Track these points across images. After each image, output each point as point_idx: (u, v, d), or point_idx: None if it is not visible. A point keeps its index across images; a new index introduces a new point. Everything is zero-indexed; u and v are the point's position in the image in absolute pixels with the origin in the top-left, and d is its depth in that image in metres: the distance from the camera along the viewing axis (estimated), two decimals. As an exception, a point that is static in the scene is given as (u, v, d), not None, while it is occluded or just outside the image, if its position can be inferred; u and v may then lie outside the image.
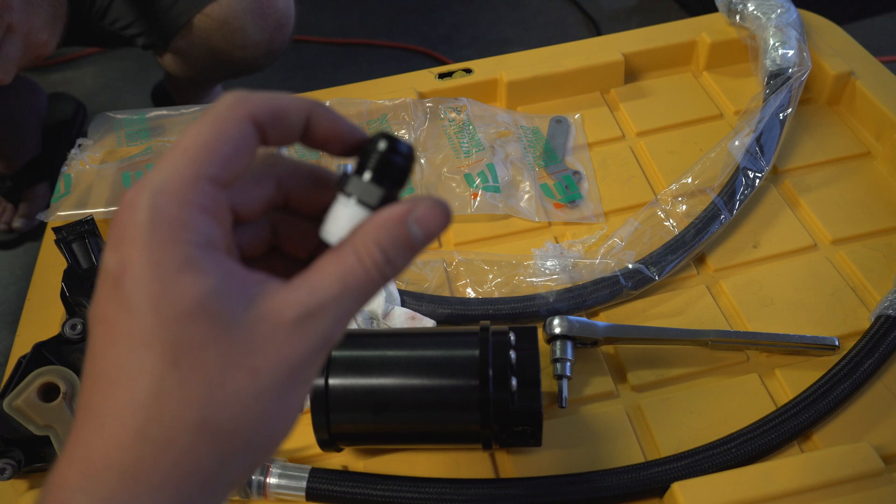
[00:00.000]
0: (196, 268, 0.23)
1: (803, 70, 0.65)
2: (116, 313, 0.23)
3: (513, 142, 0.69)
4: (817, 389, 0.49)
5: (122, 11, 0.90)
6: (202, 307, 0.22)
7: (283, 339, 0.23)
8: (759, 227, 0.61)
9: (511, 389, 0.44)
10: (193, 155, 0.24)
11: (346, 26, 1.58)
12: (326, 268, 0.25)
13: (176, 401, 0.22)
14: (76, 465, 0.23)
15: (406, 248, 0.25)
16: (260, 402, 0.23)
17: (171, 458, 0.22)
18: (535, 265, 0.59)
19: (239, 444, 0.23)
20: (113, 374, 0.23)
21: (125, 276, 0.23)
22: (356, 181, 0.26)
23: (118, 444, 0.22)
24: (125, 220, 0.23)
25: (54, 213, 0.65)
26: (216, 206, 0.24)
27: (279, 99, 0.25)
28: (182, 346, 0.22)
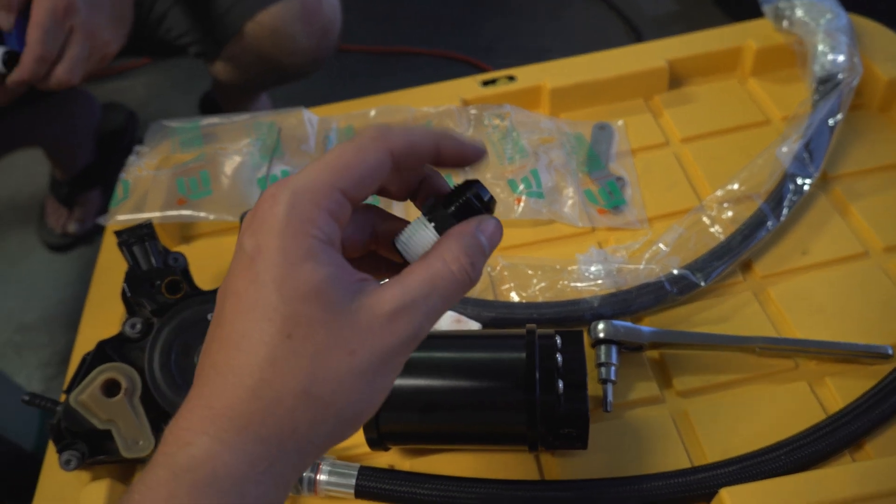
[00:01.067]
0: (317, 258, 0.27)
1: (854, 75, 0.64)
2: (247, 288, 0.27)
3: (556, 148, 0.70)
4: (870, 398, 0.48)
5: (178, 20, 0.94)
6: (318, 291, 0.26)
7: (379, 328, 0.27)
8: (808, 234, 0.60)
9: (558, 392, 0.45)
10: (333, 168, 0.28)
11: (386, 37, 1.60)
12: (417, 271, 0.29)
13: (286, 368, 0.26)
14: (199, 411, 0.27)
15: (481, 254, 0.30)
16: (354, 380, 0.27)
17: (276, 416, 0.26)
18: (579, 270, 0.59)
19: (332, 413, 0.27)
20: (237, 340, 0.27)
21: (259, 257, 0.27)
22: (440, 210, 0.31)
23: (237, 398, 0.26)
24: (265, 210, 0.27)
25: (113, 217, 0.68)
26: (341, 213, 0.28)
27: (413, 133, 0.30)
28: (297, 321, 0.26)
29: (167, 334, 0.52)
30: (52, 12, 0.64)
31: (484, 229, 0.30)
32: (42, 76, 0.66)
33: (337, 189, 0.28)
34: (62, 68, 0.66)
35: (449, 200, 0.32)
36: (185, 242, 0.70)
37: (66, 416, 0.49)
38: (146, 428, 0.49)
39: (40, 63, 0.65)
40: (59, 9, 0.64)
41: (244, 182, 0.69)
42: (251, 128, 0.74)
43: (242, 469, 0.26)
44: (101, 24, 0.69)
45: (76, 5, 0.65)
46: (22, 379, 1.11)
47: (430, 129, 0.31)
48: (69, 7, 0.65)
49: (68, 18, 0.65)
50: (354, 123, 0.74)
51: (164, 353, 0.52)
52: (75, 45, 0.66)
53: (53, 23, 0.64)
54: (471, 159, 0.32)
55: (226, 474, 0.25)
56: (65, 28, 0.65)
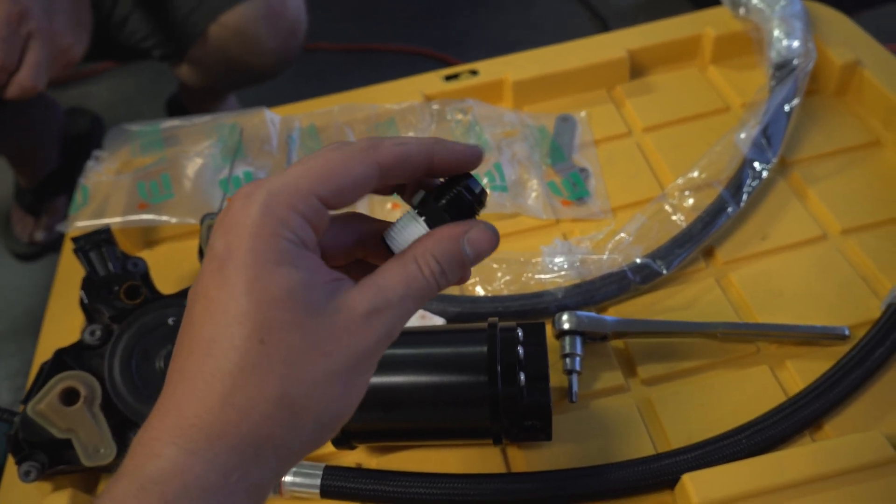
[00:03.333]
0: (290, 262, 0.26)
1: (808, 61, 0.65)
2: (217, 291, 0.26)
3: (519, 141, 0.70)
4: (828, 379, 0.48)
5: (140, 24, 0.93)
6: (290, 295, 0.26)
7: (354, 329, 0.27)
8: (767, 219, 0.61)
9: (520, 384, 0.45)
10: (315, 173, 0.27)
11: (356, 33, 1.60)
12: (392, 272, 0.28)
13: (259, 373, 0.25)
14: (168, 420, 0.26)
15: (458, 264, 0.29)
16: (330, 383, 0.26)
17: (250, 423, 0.25)
18: (543, 262, 0.59)
19: (309, 418, 0.26)
20: (207, 345, 0.26)
21: (229, 259, 0.26)
22: (431, 204, 0.30)
23: (207, 406, 0.25)
24: (237, 210, 0.27)
25: (73, 223, 0.67)
26: (317, 218, 0.27)
27: (404, 146, 0.29)
28: (270, 326, 0.25)
29: (127, 340, 0.52)
30: (5, 21, 0.63)
31: (472, 238, 0.29)
32: (3, 84, 0.65)
33: (314, 195, 0.27)
34: (23, 75, 0.66)
35: (440, 193, 0.31)
36: (149, 247, 0.69)
37: (24, 427, 0.48)
38: (107, 435, 0.48)
39: (0, 72, 0.64)
40: (12, 16, 0.63)
41: (206, 184, 0.68)
42: (212, 129, 0.73)
43: (214, 480, 0.25)
44: (60, 28, 0.68)
45: (30, 11, 0.65)
46: (-9, 390, 1.09)
47: (422, 140, 0.30)
48: (23, 13, 0.64)
49: (23, 25, 0.65)
50: (317, 122, 0.73)
51: (124, 360, 0.51)
52: (35, 51, 0.66)
53: (8, 31, 0.64)
54: (467, 165, 0.31)
55: (197, 486, 0.25)
56: (21, 35, 0.65)
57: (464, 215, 0.31)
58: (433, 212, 0.30)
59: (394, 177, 0.29)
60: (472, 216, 0.31)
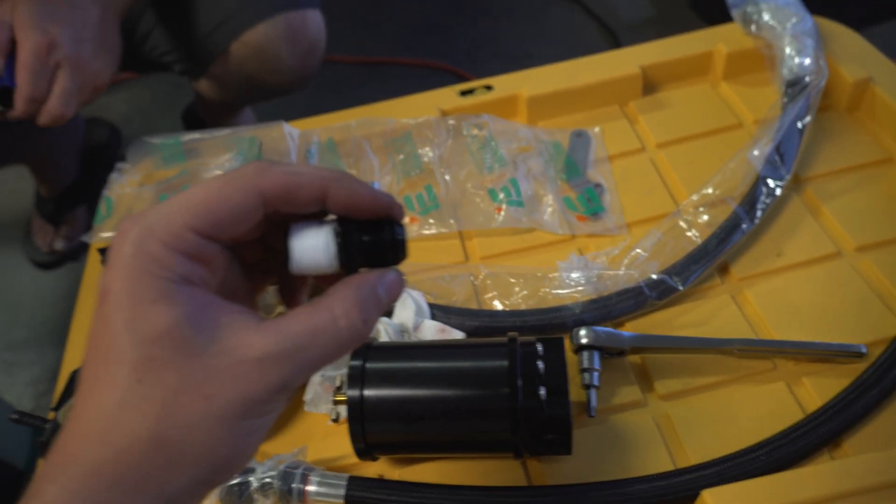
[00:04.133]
0: (168, 299, 0.26)
1: (820, 78, 0.66)
2: (100, 330, 0.26)
3: (534, 156, 0.71)
4: (846, 396, 0.49)
5: (162, 39, 0.94)
6: (168, 333, 0.25)
7: (242, 374, 0.26)
8: (781, 236, 0.61)
9: (540, 398, 0.45)
10: (190, 206, 0.27)
11: (369, 45, 1.61)
12: (299, 319, 0.27)
13: (135, 413, 0.25)
14: (53, 458, 0.26)
15: (377, 310, 0.28)
16: (209, 426, 0.26)
17: (126, 463, 0.25)
18: (560, 277, 0.60)
19: (187, 461, 0.26)
20: (91, 383, 0.26)
21: (108, 299, 0.26)
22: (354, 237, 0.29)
23: (86, 443, 0.25)
24: (115, 248, 0.27)
25: (97, 234, 0.68)
26: (198, 251, 0.27)
27: (294, 175, 0.27)
28: (147, 365, 0.25)
29: (153, 353, 0.53)
30: (35, 53, 0.65)
31: (386, 283, 0.29)
32: (35, 114, 0.68)
33: (190, 229, 0.26)
34: (53, 104, 0.68)
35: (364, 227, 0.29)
36: (170, 259, 0.70)
37: (55, 433, 0.49)
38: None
39: (31, 103, 0.67)
40: (41, 48, 0.65)
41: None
42: (232, 142, 0.74)
43: None
44: (88, 56, 0.70)
45: (59, 41, 0.66)
46: (12, 397, 1.11)
47: (321, 171, 0.28)
48: (52, 44, 0.66)
49: (52, 55, 0.67)
50: (335, 136, 0.75)
51: (150, 372, 0.52)
52: (63, 80, 0.68)
53: (38, 62, 0.66)
54: (369, 210, 0.29)
55: None
56: (50, 65, 0.67)
57: (377, 261, 0.29)
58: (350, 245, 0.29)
59: (281, 207, 0.28)
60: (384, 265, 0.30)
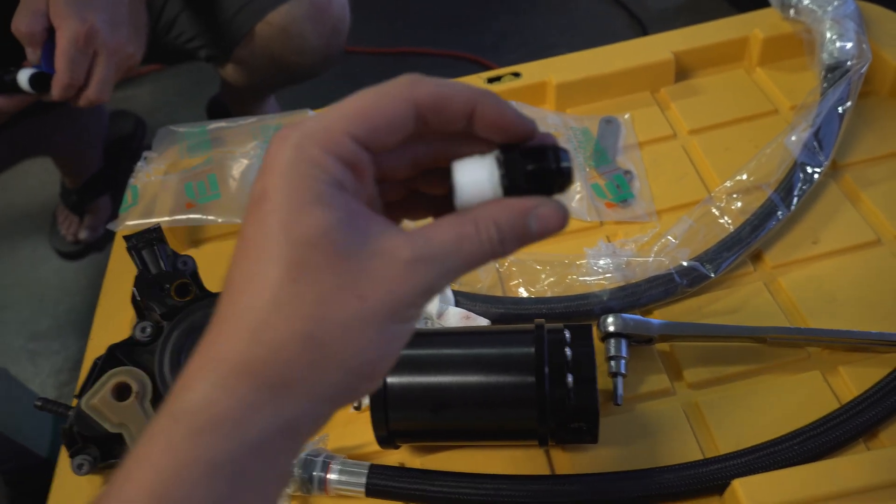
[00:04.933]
0: (325, 203, 0.25)
1: (863, 62, 0.64)
2: (254, 231, 0.26)
3: (563, 143, 0.69)
4: (884, 386, 0.47)
5: (187, 25, 0.94)
6: (325, 236, 0.25)
7: (393, 275, 0.26)
8: (818, 223, 0.60)
9: (567, 386, 0.44)
10: (348, 114, 0.26)
11: (393, 36, 1.61)
12: (445, 226, 0.27)
13: (288, 311, 0.25)
14: (203, 356, 0.26)
15: (519, 237, 0.27)
16: (362, 326, 0.25)
17: (278, 360, 0.25)
18: (587, 264, 0.59)
19: (337, 361, 0.26)
20: (241, 283, 0.26)
21: (265, 201, 0.26)
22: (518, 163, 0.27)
23: (237, 342, 0.25)
24: (273, 154, 0.26)
25: (123, 223, 0.68)
26: (356, 160, 0.26)
27: (445, 87, 0.27)
28: (303, 266, 0.25)
29: (177, 337, 0.52)
30: (74, 41, 0.66)
31: (541, 214, 0.27)
32: (72, 98, 0.68)
33: (348, 135, 0.26)
34: (92, 90, 0.69)
35: (527, 155, 0.27)
36: (195, 246, 0.71)
37: (78, 421, 0.49)
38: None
39: (68, 89, 0.67)
40: (80, 36, 0.66)
41: (252, 185, 0.69)
42: (258, 130, 0.74)
43: (243, 414, 0.25)
44: (123, 40, 0.71)
45: (97, 29, 0.67)
46: (35, 386, 1.12)
47: (469, 86, 0.27)
48: (90, 32, 0.67)
49: (91, 44, 0.67)
50: (360, 123, 0.74)
51: (174, 356, 0.52)
52: (102, 67, 0.69)
53: (77, 51, 0.66)
54: (515, 133, 0.28)
55: (226, 419, 0.25)
56: (89, 53, 0.68)
57: (542, 189, 0.28)
58: (515, 171, 0.27)
59: (431, 120, 0.27)
60: (550, 193, 0.28)
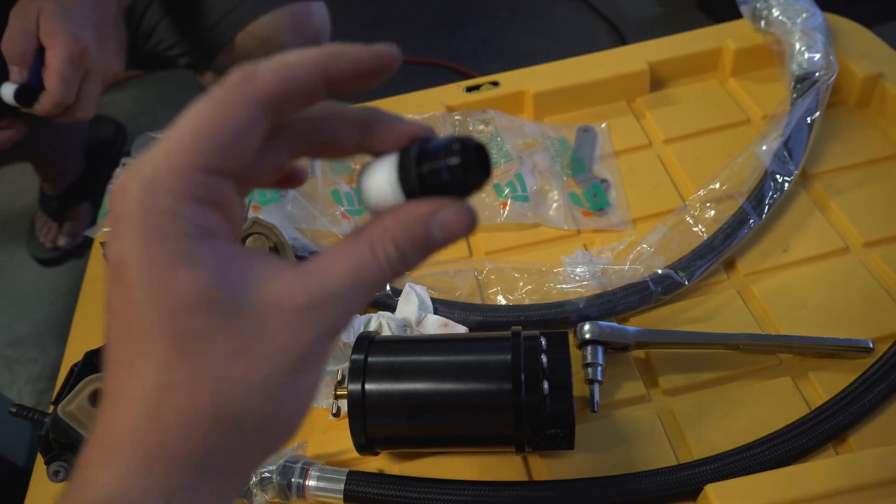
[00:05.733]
0: (193, 260, 0.23)
1: (830, 73, 0.65)
2: (123, 305, 0.23)
3: (540, 152, 0.71)
4: (852, 391, 0.48)
5: (167, 33, 0.94)
6: (202, 298, 0.23)
7: (291, 325, 0.24)
8: (789, 231, 0.61)
9: (543, 393, 0.45)
10: (187, 142, 0.23)
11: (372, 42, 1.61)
12: (340, 256, 0.24)
13: (186, 391, 0.23)
14: (99, 446, 0.23)
15: (422, 249, 0.25)
16: (268, 388, 0.23)
17: (188, 443, 0.23)
18: (564, 272, 0.60)
19: (251, 429, 0.24)
20: (127, 364, 0.23)
21: (125, 269, 0.23)
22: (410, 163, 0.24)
23: (139, 430, 0.23)
24: (119, 209, 0.23)
25: (101, 229, 0.68)
26: (212, 193, 0.23)
27: (284, 68, 0.23)
28: (187, 337, 0.23)
29: (155, 345, 0.52)
30: (68, 60, 0.66)
31: (443, 221, 0.24)
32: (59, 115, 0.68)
33: (196, 168, 0.23)
34: (80, 108, 0.69)
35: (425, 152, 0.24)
36: (174, 253, 0.70)
37: (55, 428, 0.49)
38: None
39: (59, 107, 0.67)
40: (74, 55, 0.66)
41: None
42: (237, 138, 0.74)
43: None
44: (111, 58, 0.71)
45: (89, 48, 0.67)
46: (13, 394, 1.11)
47: (311, 51, 0.24)
48: (83, 51, 0.67)
49: (83, 63, 0.67)
50: (340, 131, 0.74)
51: (152, 364, 0.52)
52: (91, 85, 0.69)
53: (71, 69, 0.66)
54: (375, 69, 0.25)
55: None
56: (81, 72, 0.67)
57: (447, 190, 0.24)
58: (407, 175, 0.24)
59: (289, 109, 0.24)
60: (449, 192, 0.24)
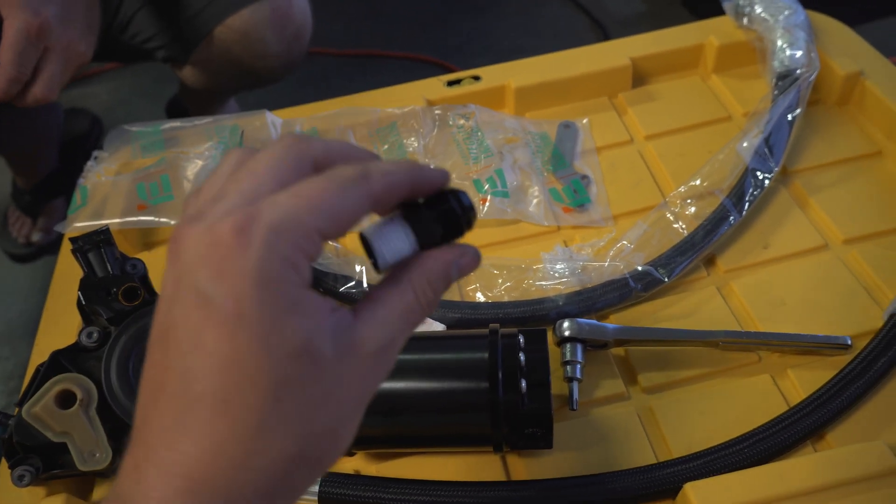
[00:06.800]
0: (301, 310, 0.25)
1: (811, 71, 0.65)
2: (221, 344, 0.24)
3: (521, 147, 0.70)
4: (830, 388, 0.48)
5: (144, 25, 0.92)
6: (306, 347, 0.24)
7: (365, 372, 0.26)
8: (769, 228, 0.61)
9: (521, 391, 0.44)
10: (313, 206, 0.25)
11: (358, 38, 1.60)
12: (391, 303, 0.28)
13: (277, 435, 0.24)
14: (174, 481, 0.24)
15: (446, 286, 0.29)
16: (341, 429, 0.26)
17: (268, 482, 0.24)
18: (544, 269, 0.59)
19: (317, 467, 0.26)
20: (220, 404, 0.24)
21: (235, 311, 0.24)
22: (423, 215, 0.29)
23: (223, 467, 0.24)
24: (234, 250, 0.24)
25: (71, 224, 0.66)
26: (317, 254, 0.26)
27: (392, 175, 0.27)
28: (287, 382, 0.24)
29: (125, 343, 0.51)
30: (24, 33, 0.63)
31: (463, 265, 0.29)
32: (17, 95, 0.65)
33: (318, 232, 0.25)
34: (39, 88, 0.66)
35: (429, 204, 0.29)
36: (147, 249, 0.69)
37: (19, 430, 0.47)
38: (103, 439, 0.48)
39: (13, 84, 0.64)
40: (31, 30, 0.63)
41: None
42: (213, 131, 0.73)
43: None
44: (76, 37, 0.68)
45: (49, 25, 0.65)
46: (-16, 393, 1.09)
47: (403, 165, 0.28)
48: (42, 27, 0.64)
49: (42, 39, 0.65)
50: (318, 125, 0.73)
51: (121, 362, 0.50)
52: (51, 64, 0.66)
53: (27, 44, 0.64)
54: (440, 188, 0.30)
55: None
56: (39, 48, 0.65)
57: (453, 232, 0.29)
58: (423, 224, 0.28)
59: (381, 208, 0.28)
60: (460, 233, 0.30)
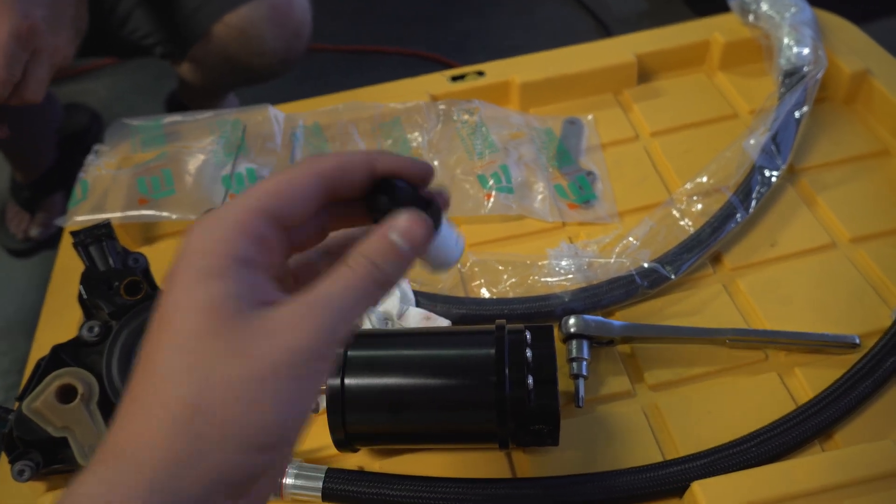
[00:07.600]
0: (223, 276, 0.26)
1: (818, 68, 0.65)
2: (160, 309, 0.27)
3: (526, 143, 0.69)
4: (839, 387, 0.48)
5: (142, 21, 0.92)
6: (220, 305, 0.26)
7: (281, 329, 0.26)
8: (776, 226, 0.60)
9: (528, 388, 0.44)
10: (259, 194, 0.29)
11: (357, 35, 1.59)
12: (325, 276, 0.28)
13: (177, 383, 0.25)
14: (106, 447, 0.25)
15: (394, 257, 0.29)
16: (254, 388, 0.25)
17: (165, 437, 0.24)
18: (549, 265, 0.59)
19: (229, 432, 0.24)
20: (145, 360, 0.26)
21: (173, 279, 0.27)
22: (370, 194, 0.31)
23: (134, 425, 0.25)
24: (190, 234, 0.28)
25: (71, 218, 0.66)
26: (264, 233, 0.28)
27: (344, 155, 0.30)
28: (193, 336, 0.26)
29: (126, 337, 0.50)
30: (14, 36, 0.62)
31: (400, 228, 0.29)
32: (5, 97, 0.65)
33: (259, 212, 0.28)
34: (28, 90, 0.65)
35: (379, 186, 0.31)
36: (148, 243, 0.68)
37: (19, 425, 0.47)
38: (104, 434, 0.47)
39: (4, 86, 0.64)
40: (22, 32, 0.63)
41: (208, 180, 0.67)
42: (215, 125, 0.72)
43: None
44: (64, 42, 0.68)
45: (39, 28, 0.64)
46: (-18, 388, 1.08)
47: (364, 150, 0.31)
48: (32, 30, 0.63)
49: (32, 42, 0.64)
50: (321, 120, 0.73)
51: (122, 357, 0.50)
52: (39, 67, 0.65)
53: (18, 46, 0.63)
54: (412, 177, 0.31)
55: None
56: (28, 51, 0.64)
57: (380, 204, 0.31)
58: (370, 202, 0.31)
59: (338, 186, 0.30)
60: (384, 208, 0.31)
